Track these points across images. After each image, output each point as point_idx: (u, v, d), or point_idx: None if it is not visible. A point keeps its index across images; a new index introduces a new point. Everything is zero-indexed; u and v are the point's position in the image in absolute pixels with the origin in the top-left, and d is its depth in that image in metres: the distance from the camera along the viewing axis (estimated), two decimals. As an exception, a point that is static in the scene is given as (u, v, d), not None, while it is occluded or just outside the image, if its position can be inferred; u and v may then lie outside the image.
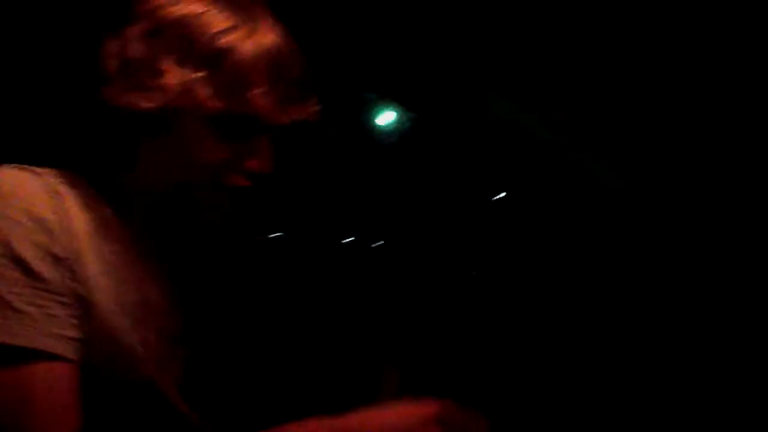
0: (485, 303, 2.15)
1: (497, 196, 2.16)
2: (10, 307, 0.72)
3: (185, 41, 0.79)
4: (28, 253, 0.73)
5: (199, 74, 0.79)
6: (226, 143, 0.81)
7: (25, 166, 0.80)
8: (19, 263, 0.73)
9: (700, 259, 1.76)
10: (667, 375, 1.74)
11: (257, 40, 0.81)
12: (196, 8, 0.81)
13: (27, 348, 0.71)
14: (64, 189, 0.79)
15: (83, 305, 0.76)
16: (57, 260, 0.75)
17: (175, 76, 0.78)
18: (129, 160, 0.85)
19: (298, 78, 0.84)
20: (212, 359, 0.91)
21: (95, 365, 0.77)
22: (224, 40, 0.80)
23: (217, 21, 0.80)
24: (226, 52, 0.79)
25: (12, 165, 0.80)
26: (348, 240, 3.97)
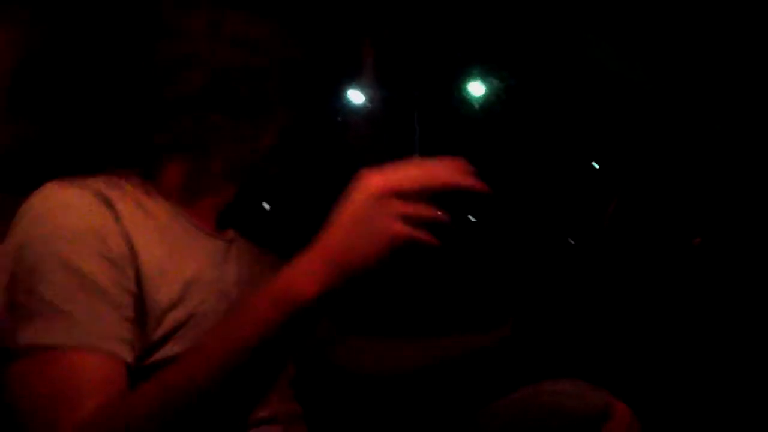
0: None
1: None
2: (58, 310, 0.73)
3: None
4: (84, 261, 0.76)
5: None
6: None
7: (72, 178, 0.83)
8: (73, 271, 0.75)
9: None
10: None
11: None
12: None
13: (69, 345, 0.72)
14: (114, 194, 0.83)
15: (140, 304, 0.79)
16: (113, 264, 0.77)
17: None
18: None
19: None
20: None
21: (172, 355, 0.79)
22: None
23: None
24: None
25: (58, 180, 0.82)
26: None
